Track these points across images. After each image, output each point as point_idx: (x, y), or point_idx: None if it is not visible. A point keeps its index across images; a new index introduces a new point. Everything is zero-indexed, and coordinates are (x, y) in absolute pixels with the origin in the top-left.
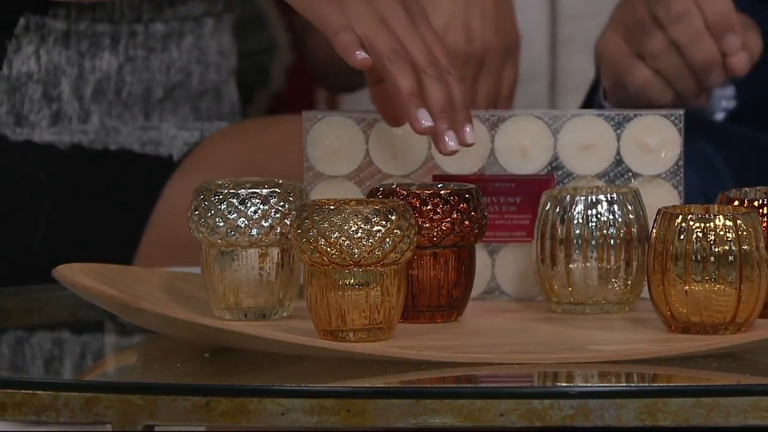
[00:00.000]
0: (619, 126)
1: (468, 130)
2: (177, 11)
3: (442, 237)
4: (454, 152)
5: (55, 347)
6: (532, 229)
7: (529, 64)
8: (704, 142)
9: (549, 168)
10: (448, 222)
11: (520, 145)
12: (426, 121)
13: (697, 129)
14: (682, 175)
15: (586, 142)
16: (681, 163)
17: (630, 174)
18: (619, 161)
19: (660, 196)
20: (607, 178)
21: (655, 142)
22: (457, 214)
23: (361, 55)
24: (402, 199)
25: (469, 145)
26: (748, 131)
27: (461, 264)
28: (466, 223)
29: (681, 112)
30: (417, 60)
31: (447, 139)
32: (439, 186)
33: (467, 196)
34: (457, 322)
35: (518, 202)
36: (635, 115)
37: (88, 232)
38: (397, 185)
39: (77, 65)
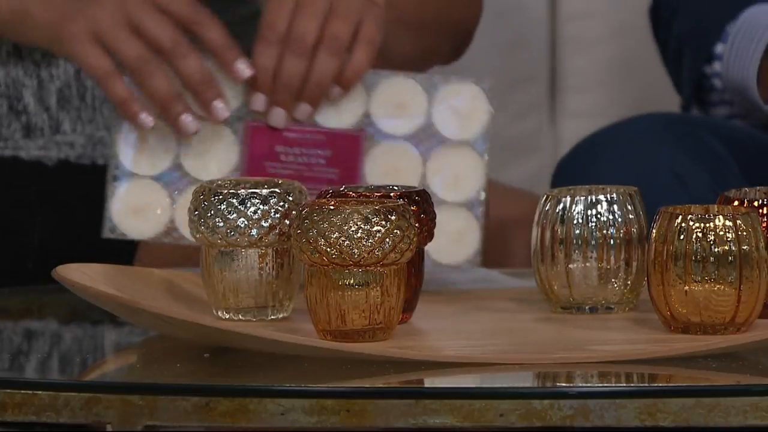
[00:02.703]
0: (430, 90)
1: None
2: None
3: None
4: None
5: (55, 347)
6: (340, 182)
7: (529, 64)
8: (716, 141)
9: (361, 125)
10: None
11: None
12: (148, 122)
13: (707, 128)
14: (488, 143)
15: (399, 102)
16: (489, 130)
17: (439, 137)
18: (429, 124)
19: (464, 160)
20: (416, 139)
21: (466, 108)
22: None
23: (245, 69)
24: None
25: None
26: (752, 131)
27: (411, 266)
28: (416, 225)
29: (491, 80)
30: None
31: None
32: (388, 188)
33: (417, 198)
34: (458, 322)
35: (329, 155)
36: (447, 81)
37: (80, 250)
38: (346, 188)
39: (35, 76)
